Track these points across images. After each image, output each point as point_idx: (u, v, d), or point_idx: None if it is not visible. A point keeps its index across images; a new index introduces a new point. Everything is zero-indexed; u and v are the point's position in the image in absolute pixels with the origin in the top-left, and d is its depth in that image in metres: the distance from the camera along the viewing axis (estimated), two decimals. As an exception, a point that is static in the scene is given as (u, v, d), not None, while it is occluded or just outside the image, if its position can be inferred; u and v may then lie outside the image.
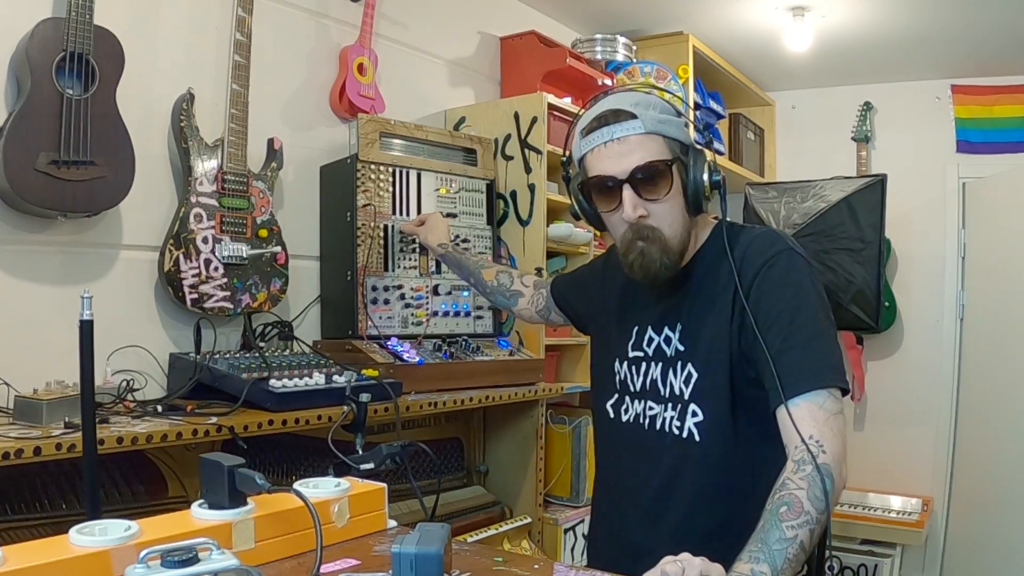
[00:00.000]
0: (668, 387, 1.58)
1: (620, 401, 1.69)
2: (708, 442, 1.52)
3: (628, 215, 1.50)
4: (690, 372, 1.55)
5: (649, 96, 1.55)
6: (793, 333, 1.42)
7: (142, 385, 2.12)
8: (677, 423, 1.56)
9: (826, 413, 1.36)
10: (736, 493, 1.51)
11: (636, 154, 1.49)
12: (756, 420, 1.48)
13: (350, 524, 1.25)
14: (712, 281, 1.56)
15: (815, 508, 1.26)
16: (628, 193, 1.49)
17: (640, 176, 1.49)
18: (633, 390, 1.66)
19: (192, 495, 2.02)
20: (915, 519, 4.38)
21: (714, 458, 1.52)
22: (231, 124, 2.30)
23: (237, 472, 1.11)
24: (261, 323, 2.40)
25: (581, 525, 2.94)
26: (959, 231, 4.66)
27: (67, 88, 1.91)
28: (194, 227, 2.22)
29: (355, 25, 2.80)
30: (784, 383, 1.38)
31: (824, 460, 1.30)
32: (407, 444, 1.71)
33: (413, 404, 2.27)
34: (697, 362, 1.54)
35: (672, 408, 1.57)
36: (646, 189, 1.50)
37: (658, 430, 1.59)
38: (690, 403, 1.54)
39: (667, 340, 1.61)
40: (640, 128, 1.49)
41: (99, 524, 1.03)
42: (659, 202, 1.51)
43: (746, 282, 1.48)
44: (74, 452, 1.56)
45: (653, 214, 1.51)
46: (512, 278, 2.24)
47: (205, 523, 1.10)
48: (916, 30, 3.95)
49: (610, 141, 1.50)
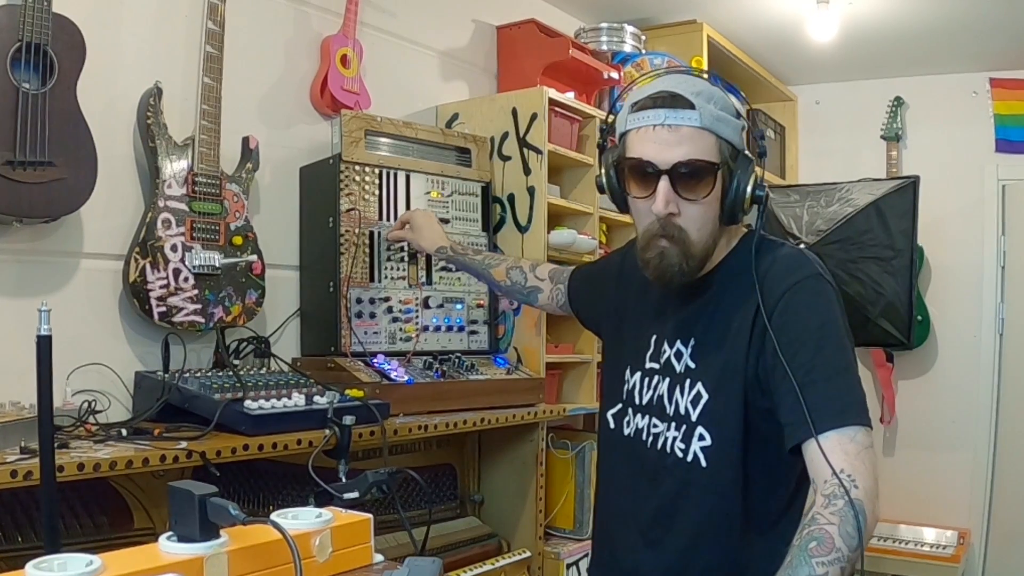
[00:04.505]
0: (674, 405, 1.59)
1: (623, 412, 1.71)
2: (715, 469, 1.53)
3: (659, 209, 1.51)
4: (699, 392, 1.56)
5: (712, 88, 1.54)
6: (818, 366, 1.43)
7: (105, 406, 2.12)
8: (681, 445, 1.57)
9: (858, 446, 1.37)
10: (741, 525, 1.53)
11: (684, 147, 1.49)
12: (766, 452, 1.50)
13: (332, 559, 1.25)
14: (731, 297, 1.57)
15: (847, 545, 1.27)
16: (664, 186, 1.50)
17: (682, 171, 1.49)
18: (638, 403, 1.67)
19: (160, 527, 2.01)
20: (950, 553, 4.37)
21: (721, 486, 1.53)
22: (202, 121, 2.30)
23: (209, 502, 1.11)
24: (235, 339, 2.40)
25: (585, 559, 2.93)
26: (998, 238, 4.67)
27: (23, 82, 1.92)
28: (162, 234, 2.22)
29: (338, 13, 2.81)
30: (813, 417, 1.39)
31: (857, 495, 1.31)
32: (395, 471, 1.71)
33: (401, 427, 2.27)
34: (708, 383, 1.55)
35: (676, 428, 1.58)
36: (685, 186, 1.50)
37: (659, 449, 1.61)
38: (697, 426, 1.55)
39: (677, 355, 1.62)
40: (696, 121, 1.49)
41: (58, 559, 1.03)
42: (695, 203, 1.52)
43: (769, 305, 1.50)
44: (31, 480, 1.55)
45: (684, 214, 1.52)
46: (525, 274, 2.24)
47: (174, 557, 1.10)
48: (951, 18, 3.97)
49: (660, 126, 1.50)
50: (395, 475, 1.70)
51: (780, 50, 4.51)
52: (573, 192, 3.27)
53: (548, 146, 2.99)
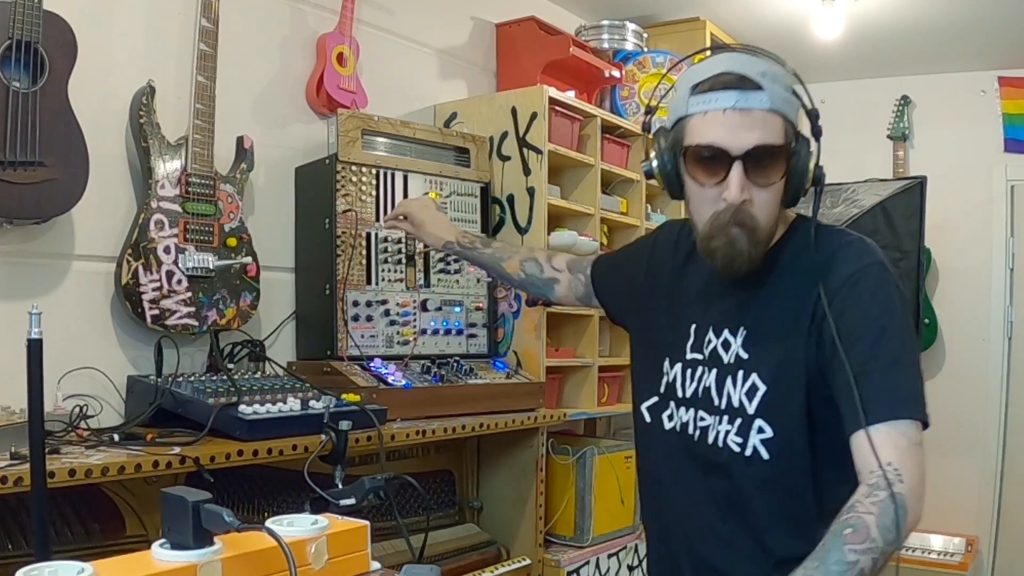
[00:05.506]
0: (725, 398, 1.56)
1: (662, 406, 1.67)
2: (779, 462, 1.51)
3: (733, 196, 1.47)
4: (755, 384, 1.53)
5: (774, 67, 1.51)
6: (877, 356, 1.43)
7: (97, 411, 2.12)
8: (737, 439, 1.54)
9: (908, 442, 1.38)
10: (815, 517, 1.50)
11: (757, 131, 1.46)
12: (833, 442, 1.48)
13: (328, 566, 1.25)
14: (789, 285, 1.55)
15: (883, 538, 1.28)
16: (738, 172, 1.46)
17: (756, 157, 1.46)
18: (681, 396, 1.64)
19: (152, 534, 2.02)
20: (958, 560, 4.37)
21: (788, 479, 1.52)
22: (196, 120, 2.30)
23: (203, 508, 1.11)
24: (229, 342, 2.40)
25: (586, 567, 2.93)
26: (1007, 239, 4.68)
27: (13, 80, 1.92)
28: (155, 235, 2.22)
29: (334, 11, 2.81)
30: (866, 407, 1.39)
31: (900, 490, 1.32)
32: (392, 477, 1.71)
33: (399, 432, 2.27)
34: (764, 373, 1.53)
35: (729, 422, 1.55)
36: (758, 172, 1.47)
37: (710, 444, 1.58)
38: (756, 418, 1.52)
39: (725, 344, 1.59)
40: (766, 103, 1.46)
41: (49, 567, 1.03)
42: (766, 189, 1.49)
43: (831, 292, 1.48)
44: (21, 486, 1.55)
45: (755, 200, 1.49)
46: (540, 265, 2.13)
47: (167, 565, 1.09)
48: (959, 15, 3.97)
49: (731, 109, 1.46)
50: (392, 481, 1.70)
51: (785, 48, 4.45)
52: (574, 193, 3.27)
53: (548, 146, 2.99)
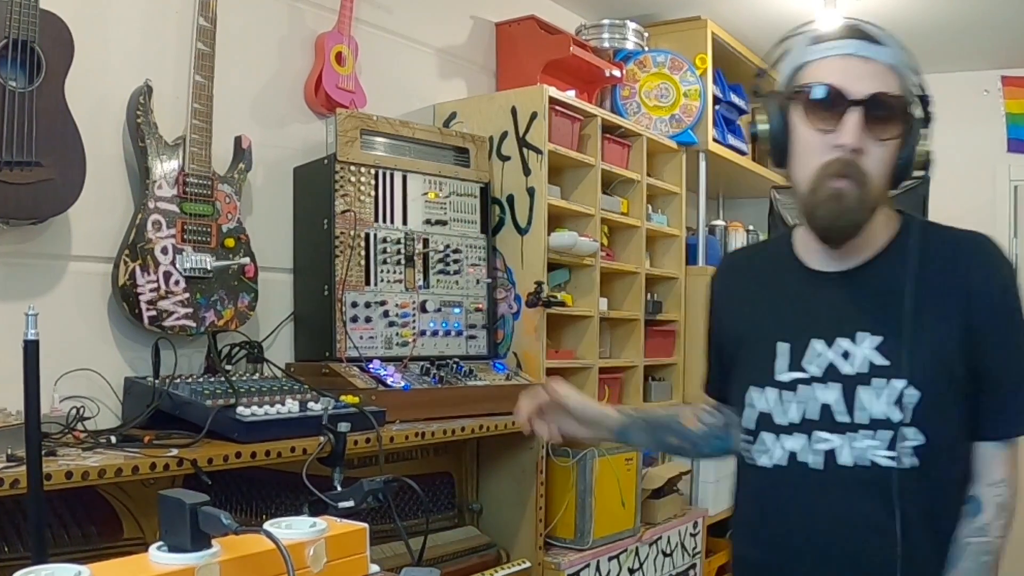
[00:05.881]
0: (858, 412, 1.47)
1: (754, 439, 1.56)
2: (931, 468, 1.45)
3: (848, 140, 1.40)
4: (903, 391, 1.45)
5: (897, 40, 1.48)
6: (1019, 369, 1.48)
7: (94, 413, 2.12)
8: (887, 452, 1.45)
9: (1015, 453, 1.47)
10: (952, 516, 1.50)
11: (878, 80, 1.42)
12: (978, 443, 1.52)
13: (327, 569, 1.25)
14: (925, 283, 1.48)
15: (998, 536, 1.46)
16: (856, 117, 1.40)
17: (876, 104, 1.41)
18: (783, 424, 1.52)
19: (150, 536, 2.02)
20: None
21: (951, 487, 1.49)
22: (194, 120, 2.31)
23: (200, 511, 1.11)
24: (227, 343, 2.41)
25: (586, 570, 2.93)
26: (1010, 240, 4.68)
27: (9, 80, 1.92)
28: (152, 236, 2.23)
29: (333, 9, 2.81)
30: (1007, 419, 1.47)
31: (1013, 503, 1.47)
32: (391, 479, 1.71)
33: (398, 435, 2.28)
34: (916, 378, 1.44)
35: (868, 437, 1.46)
36: (876, 123, 1.42)
37: (839, 465, 1.48)
38: (907, 427, 1.45)
39: (845, 355, 1.50)
40: (889, 57, 1.43)
41: (45, 569, 1.03)
42: (882, 144, 1.43)
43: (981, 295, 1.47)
44: (17, 488, 1.55)
45: (869, 154, 1.43)
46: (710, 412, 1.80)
47: (164, 567, 1.09)
48: (961, 14, 3.98)
49: (852, 55, 1.43)
50: (391, 483, 1.70)
51: (786, 47, 4.51)
52: (574, 193, 3.27)
53: (548, 146, 2.99)
